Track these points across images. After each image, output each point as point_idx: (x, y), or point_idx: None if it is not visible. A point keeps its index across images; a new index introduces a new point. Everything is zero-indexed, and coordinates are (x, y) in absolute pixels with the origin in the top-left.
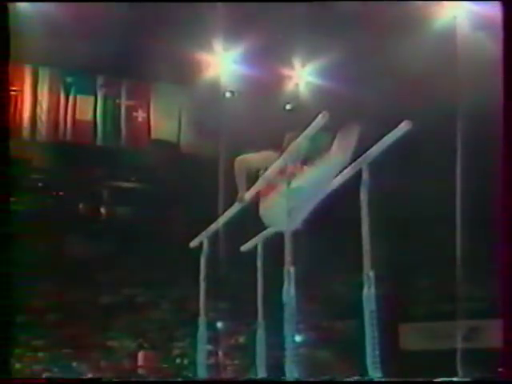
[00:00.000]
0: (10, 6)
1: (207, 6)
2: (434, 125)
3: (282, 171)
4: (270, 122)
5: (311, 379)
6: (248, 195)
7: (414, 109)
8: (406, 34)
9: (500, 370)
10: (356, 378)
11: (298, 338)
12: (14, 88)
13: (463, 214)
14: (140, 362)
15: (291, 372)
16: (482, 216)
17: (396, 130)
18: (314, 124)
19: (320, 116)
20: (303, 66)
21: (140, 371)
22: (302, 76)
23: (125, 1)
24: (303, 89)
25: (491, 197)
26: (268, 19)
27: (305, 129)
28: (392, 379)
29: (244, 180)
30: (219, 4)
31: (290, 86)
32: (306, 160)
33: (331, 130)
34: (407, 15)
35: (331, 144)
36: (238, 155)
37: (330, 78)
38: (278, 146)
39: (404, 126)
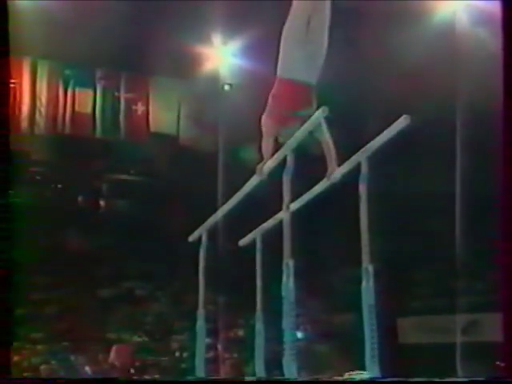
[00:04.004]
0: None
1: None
2: (434, 119)
3: None
4: None
5: (311, 378)
6: (266, 168)
7: (414, 103)
8: (405, 29)
9: (498, 363)
10: (356, 377)
11: (296, 332)
12: (13, 81)
13: (462, 208)
14: (114, 356)
15: (289, 365)
16: (482, 209)
17: (395, 124)
18: (313, 118)
19: (319, 110)
20: None
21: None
22: None
23: None
24: None
25: (490, 190)
26: (267, 12)
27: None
28: (392, 379)
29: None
30: None
31: None
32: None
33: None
34: (406, 10)
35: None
36: (237, 148)
37: (330, 72)
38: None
39: (403, 121)
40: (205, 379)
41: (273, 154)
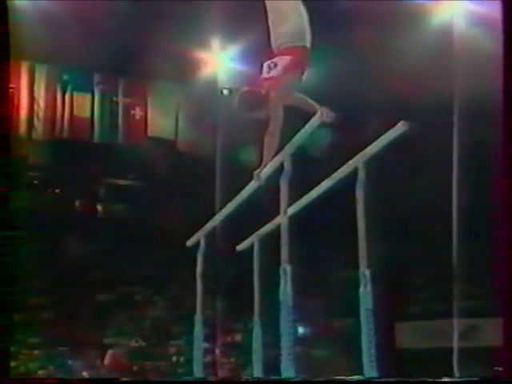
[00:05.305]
0: (9, 3)
1: (205, 4)
2: (431, 122)
3: None
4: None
5: (310, 378)
6: (264, 174)
7: (412, 106)
8: (403, 33)
9: (497, 368)
10: (356, 377)
11: (294, 337)
12: (11, 85)
13: (460, 212)
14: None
15: (287, 370)
16: (479, 214)
17: (393, 129)
18: (312, 121)
19: (318, 113)
20: None
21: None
22: None
23: None
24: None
25: (489, 195)
26: (265, 18)
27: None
28: (392, 379)
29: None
30: (216, 2)
31: None
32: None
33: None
34: (405, 14)
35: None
36: (235, 153)
37: (328, 75)
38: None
39: (400, 127)
40: (203, 380)
41: (274, 155)
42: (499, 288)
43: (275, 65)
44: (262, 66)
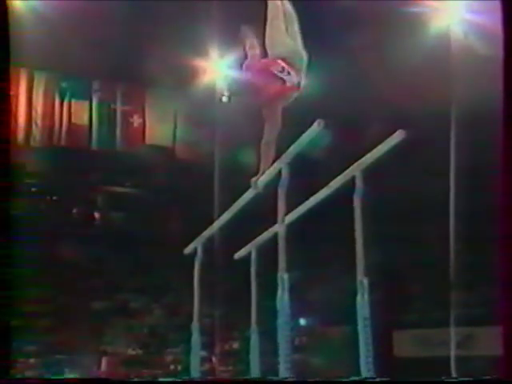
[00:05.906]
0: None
1: (203, 11)
2: (429, 129)
3: None
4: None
5: (309, 379)
6: (261, 182)
7: (409, 114)
8: (401, 40)
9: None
10: (353, 378)
11: (291, 344)
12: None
13: (458, 220)
14: (104, 367)
15: None
16: (477, 222)
17: (390, 138)
18: (309, 131)
19: (315, 123)
20: None
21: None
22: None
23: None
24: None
25: (487, 202)
26: (263, 26)
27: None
28: (391, 379)
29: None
30: (215, 9)
31: None
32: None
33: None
34: (402, 22)
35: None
36: (234, 160)
37: (325, 83)
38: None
39: (398, 135)
40: (202, 380)
41: (271, 163)
42: (499, 295)
43: (288, 72)
44: (272, 59)
